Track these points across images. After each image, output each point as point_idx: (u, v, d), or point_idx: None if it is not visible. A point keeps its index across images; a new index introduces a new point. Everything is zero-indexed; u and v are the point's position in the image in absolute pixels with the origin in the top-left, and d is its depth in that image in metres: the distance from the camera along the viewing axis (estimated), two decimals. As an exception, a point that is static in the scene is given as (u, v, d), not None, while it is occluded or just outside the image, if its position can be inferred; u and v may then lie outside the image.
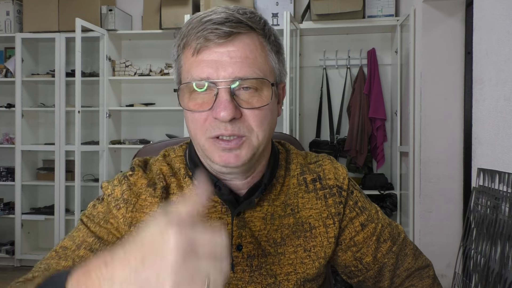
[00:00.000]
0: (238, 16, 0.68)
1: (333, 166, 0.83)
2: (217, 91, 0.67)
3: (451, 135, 2.67)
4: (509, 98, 1.50)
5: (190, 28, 0.70)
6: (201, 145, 0.71)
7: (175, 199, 0.74)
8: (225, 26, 0.67)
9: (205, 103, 0.68)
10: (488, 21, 1.67)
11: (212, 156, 0.70)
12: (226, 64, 0.67)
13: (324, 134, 3.71)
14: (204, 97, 0.69)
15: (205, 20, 0.68)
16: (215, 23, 0.67)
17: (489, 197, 1.59)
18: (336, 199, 0.80)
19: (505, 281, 1.40)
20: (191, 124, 0.71)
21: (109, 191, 0.76)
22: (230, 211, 0.74)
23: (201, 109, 0.68)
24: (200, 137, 0.70)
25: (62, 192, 3.74)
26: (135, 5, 3.95)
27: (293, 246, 0.77)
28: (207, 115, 0.68)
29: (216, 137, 0.68)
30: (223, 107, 0.66)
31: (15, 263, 3.84)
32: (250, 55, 0.68)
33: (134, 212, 0.73)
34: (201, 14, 0.70)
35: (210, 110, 0.68)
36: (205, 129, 0.69)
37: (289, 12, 3.14)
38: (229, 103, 0.66)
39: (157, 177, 0.76)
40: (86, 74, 3.78)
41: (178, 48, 0.73)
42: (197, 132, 0.70)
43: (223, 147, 0.69)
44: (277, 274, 0.76)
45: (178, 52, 0.73)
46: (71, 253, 0.72)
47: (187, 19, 0.73)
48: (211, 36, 0.67)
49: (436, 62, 2.68)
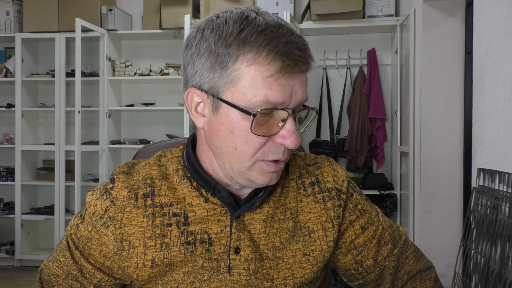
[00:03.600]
0: (306, 44, 0.68)
1: (332, 169, 0.82)
2: (286, 118, 0.66)
3: (451, 135, 2.67)
4: (509, 98, 1.50)
5: (266, 41, 0.63)
6: (244, 165, 0.69)
7: (166, 201, 0.74)
8: (306, 55, 0.66)
9: (270, 128, 0.67)
10: (488, 21, 1.67)
11: (255, 176, 0.70)
12: (298, 90, 0.67)
13: (324, 134, 3.71)
14: (266, 120, 0.67)
15: (288, 40, 0.64)
16: (300, 49, 0.65)
17: (489, 197, 1.59)
18: (335, 202, 0.79)
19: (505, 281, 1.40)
20: (244, 144, 0.67)
21: (92, 208, 0.75)
22: (230, 213, 0.74)
23: (268, 133, 0.67)
24: (249, 158, 0.68)
25: (62, 192, 3.74)
26: (135, 5, 3.96)
27: (292, 250, 0.76)
28: (268, 139, 0.67)
29: (273, 161, 0.69)
30: (295, 137, 0.66)
31: (15, 263, 3.84)
32: None
33: (123, 227, 0.73)
34: (270, 22, 0.65)
35: (274, 135, 0.67)
36: (262, 152, 0.68)
37: (289, 12, 3.15)
38: (297, 131, 0.67)
39: (142, 181, 0.75)
40: (86, 74, 3.78)
41: (237, 54, 0.64)
42: (249, 152, 0.67)
43: (274, 170, 0.70)
44: (274, 278, 0.75)
45: (235, 59, 0.64)
46: (62, 281, 0.77)
47: (239, 18, 0.66)
48: (300, 64, 0.65)
49: (436, 62, 2.68)
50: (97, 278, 0.76)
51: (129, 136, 4.02)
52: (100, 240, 0.74)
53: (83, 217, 0.77)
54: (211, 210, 0.74)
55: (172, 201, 0.74)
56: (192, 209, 0.73)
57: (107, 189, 0.75)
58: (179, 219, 0.73)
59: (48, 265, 0.80)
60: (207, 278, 0.73)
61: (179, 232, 0.73)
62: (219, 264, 0.73)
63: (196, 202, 0.73)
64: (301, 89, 0.67)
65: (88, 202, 0.77)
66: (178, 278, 0.73)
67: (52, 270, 0.78)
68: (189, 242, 0.72)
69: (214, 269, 0.73)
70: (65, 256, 0.77)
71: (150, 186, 0.75)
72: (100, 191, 0.76)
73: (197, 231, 0.73)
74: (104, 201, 0.74)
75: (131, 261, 0.73)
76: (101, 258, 0.75)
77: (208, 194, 0.74)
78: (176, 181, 0.75)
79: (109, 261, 0.75)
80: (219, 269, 0.73)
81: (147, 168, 0.77)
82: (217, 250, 0.73)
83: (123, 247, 0.73)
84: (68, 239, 0.78)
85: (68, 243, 0.78)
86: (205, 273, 0.73)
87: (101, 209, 0.74)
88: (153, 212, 0.73)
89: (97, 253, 0.75)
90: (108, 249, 0.74)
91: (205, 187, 0.74)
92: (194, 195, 0.74)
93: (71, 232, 0.78)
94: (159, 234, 0.72)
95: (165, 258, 0.72)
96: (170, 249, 0.72)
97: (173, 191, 0.75)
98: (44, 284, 0.80)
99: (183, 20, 3.26)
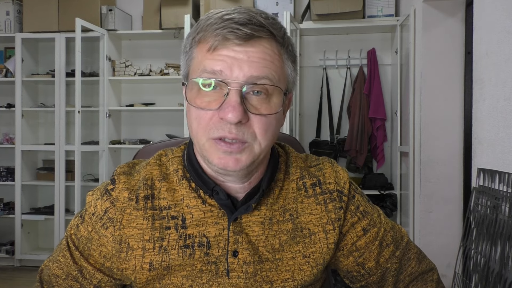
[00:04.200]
0: (260, 19, 0.67)
1: (333, 170, 0.81)
2: (227, 91, 0.65)
3: (451, 135, 2.67)
4: (509, 98, 1.50)
5: (209, 23, 0.67)
6: (201, 145, 0.69)
7: (165, 204, 0.73)
8: (246, 28, 0.65)
9: (212, 102, 0.66)
10: (488, 21, 1.67)
11: (211, 157, 0.68)
12: (242, 63, 0.65)
13: (324, 134, 3.71)
14: (213, 96, 0.67)
15: (226, 18, 0.66)
16: (236, 22, 0.65)
17: (489, 197, 1.59)
18: (336, 204, 0.78)
19: (505, 281, 1.40)
20: (194, 121, 0.68)
21: (92, 209, 0.75)
22: (227, 216, 0.73)
23: (208, 107, 0.66)
24: (201, 136, 0.68)
25: (62, 192, 3.74)
26: (135, 5, 3.95)
27: (292, 252, 0.76)
28: (213, 114, 0.66)
29: (219, 139, 0.67)
30: (232, 109, 0.64)
31: (15, 263, 3.84)
32: (267, 58, 0.67)
33: (122, 229, 0.73)
34: (222, 11, 0.68)
35: (217, 109, 0.66)
36: (209, 129, 0.67)
37: (289, 12, 3.14)
38: (239, 105, 0.64)
39: (143, 182, 0.75)
40: (86, 74, 3.78)
41: (192, 40, 0.70)
42: (199, 130, 0.68)
43: (224, 150, 0.67)
44: (273, 280, 0.74)
45: (191, 45, 0.70)
46: (62, 281, 0.77)
47: (206, 14, 0.70)
48: (231, 35, 0.65)
49: (436, 62, 2.68)
50: (97, 279, 0.76)
51: (129, 136, 4.02)
52: (100, 241, 0.74)
53: (83, 217, 0.77)
54: (208, 212, 0.73)
55: (171, 204, 0.74)
56: (189, 211, 0.73)
57: (107, 189, 0.75)
58: (177, 222, 0.73)
59: (48, 265, 0.80)
60: (206, 281, 0.73)
61: (177, 235, 0.72)
62: (217, 267, 0.73)
63: (193, 203, 0.73)
64: (247, 63, 0.65)
65: (88, 203, 0.76)
66: (176, 282, 0.73)
67: (52, 270, 0.78)
68: (187, 246, 0.72)
69: (212, 272, 0.73)
70: (65, 257, 0.77)
71: (150, 188, 0.74)
72: (101, 191, 0.76)
73: (195, 234, 0.72)
74: (104, 202, 0.74)
75: (129, 263, 0.73)
76: (101, 259, 0.75)
77: (206, 195, 0.74)
78: (176, 181, 0.75)
79: (109, 262, 0.75)
80: (218, 272, 0.73)
81: (148, 168, 0.77)
82: (215, 254, 0.73)
83: (122, 249, 0.73)
84: (68, 239, 0.78)
85: (68, 244, 0.77)
86: (204, 277, 0.73)
87: (101, 210, 0.74)
88: (153, 214, 0.73)
89: (97, 253, 0.75)
90: (107, 250, 0.74)
91: (204, 188, 0.73)
92: (192, 196, 0.73)
93: (71, 233, 0.78)
94: (158, 237, 0.72)
95: (163, 261, 0.72)
96: (168, 253, 0.72)
97: (172, 192, 0.75)
98: (44, 285, 0.80)
99: (183, 20, 3.26)
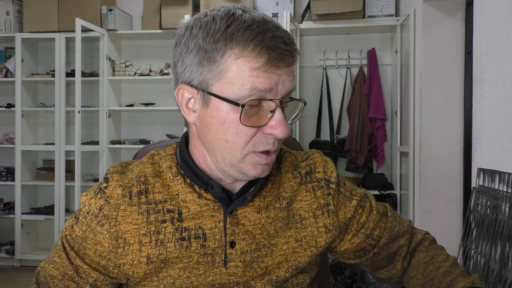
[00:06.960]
0: (292, 39, 0.70)
1: (323, 159, 0.86)
2: (274, 108, 0.68)
3: (451, 135, 2.67)
4: (509, 98, 1.50)
5: (252, 36, 0.65)
6: (236, 156, 0.70)
7: (160, 198, 0.75)
8: (292, 49, 0.68)
9: (256, 118, 0.68)
10: (488, 21, 1.67)
11: (246, 168, 0.71)
12: (285, 79, 0.68)
13: (324, 134, 3.71)
14: (254, 110, 0.68)
15: (274, 35, 0.66)
16: (285, 43, 0.67)
17: (489, 197, 1.59)
18: (324, 191, 0.83)
19: (505, 281, 1.40)
20: (234, 136, 0.69)
21: (86, 208, 0.76)
22: (223, 209, 0.75)
23: (257, 124, 0.68)
24: (241, 150, 0.69)
25: (62, 192, 3.74)
26: (135, 5, 3.96)
27: (285, 237, 0.79)
28: (257, 130, 0.69)
29: (263, 152, 0.70)
30: (283, 125, 0.68)
31: (15, 263, 3.84)
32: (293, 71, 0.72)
33: (118, 225, 0.74)
34: (256, 18, 0.67)
35: (264, 126, 0.69)
36: (253, 143, 0.69)
37: (289, 12, 3.14)
38: (285, 121, 0.69)
39: (136, 179, 0.76)
40: (86, 74, 3.78)
41: (225, 50, 0.66)
42: (240, 144, 0.69)
43: (266, 162, 0.71)
44: (268, 265, 0.77)
45: (222, 54, 0.66)
46: (58, 282, 0.78)
47: (226, 16, 0.67)
48: (286, 57, 0.67)
49: (436, 62, 2.68)
50: (93, 278, 0.77)
51: (129, 136, 4.02)
52: (95, 239, 0.75)
53: (77, 218, 0.78)
54: (204, 206, 0.75)
55: (166, 197, 0.75)
56: (185, 205, 0.75)
57: (101, 188, 0.76)
58: (173, 215, 0.74)
59: (44, 267, 0.81)
60: (203, 272, 0.74)
61: (173, 228, 0.74)
62: (213, 258, 0.75)
63: (189, 198, 0.75)
64: (288, 78, 0.69)
65: (82, 203, 0.78)
66: (173, 274, 0.74)
67: (48, 271, 0.79)
68: (183, 238, 0.74)
69: (209, 264, 0.75)
70: (60, 257, 0.78)
71: (143, 184, 0.76)
72: (94, 191, 0.77)
73: (191, 227, 0.74)
74: (98, 200, 0.75)
75: (127, 258, 0.74)
76: (97, 258, 0.76)
77: (201, 190, 0.76)
78: (170, 178, 0.77)
79: (105, 260, 0.76)
80: (214, 263, 0.75)
81: (141, 167, 0.79)
82: (211, 245, 0.75)
83: (118, 245, 0.74)
84: (63, 240, 0.79)
85: (63, 244, 0.79)
86: (201, 268, 0.74)
87: (96, 208, 0.75)
88: (147, 209, 0.75)
89: (92, 252, 0.76)
90: (103, 247, 0.75)
91: (198, 183, 0.75)
92: (188, 191, 0.75)
93: (66, 234, 0.79)
94: (153, 231, 0.74)
95: (160, 254, 0.73)
96: (165, 245, 0.73)
97: (167, 188, 0.76)
98: (40, 286, 0.81)
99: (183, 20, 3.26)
